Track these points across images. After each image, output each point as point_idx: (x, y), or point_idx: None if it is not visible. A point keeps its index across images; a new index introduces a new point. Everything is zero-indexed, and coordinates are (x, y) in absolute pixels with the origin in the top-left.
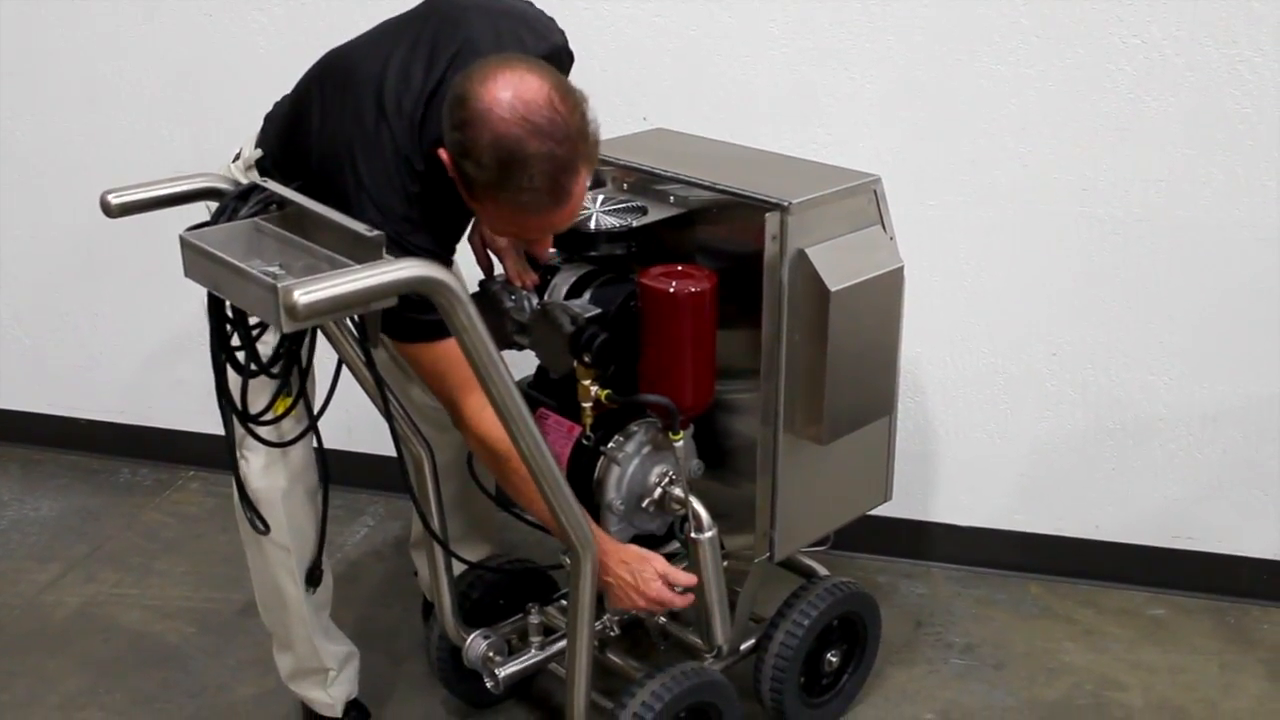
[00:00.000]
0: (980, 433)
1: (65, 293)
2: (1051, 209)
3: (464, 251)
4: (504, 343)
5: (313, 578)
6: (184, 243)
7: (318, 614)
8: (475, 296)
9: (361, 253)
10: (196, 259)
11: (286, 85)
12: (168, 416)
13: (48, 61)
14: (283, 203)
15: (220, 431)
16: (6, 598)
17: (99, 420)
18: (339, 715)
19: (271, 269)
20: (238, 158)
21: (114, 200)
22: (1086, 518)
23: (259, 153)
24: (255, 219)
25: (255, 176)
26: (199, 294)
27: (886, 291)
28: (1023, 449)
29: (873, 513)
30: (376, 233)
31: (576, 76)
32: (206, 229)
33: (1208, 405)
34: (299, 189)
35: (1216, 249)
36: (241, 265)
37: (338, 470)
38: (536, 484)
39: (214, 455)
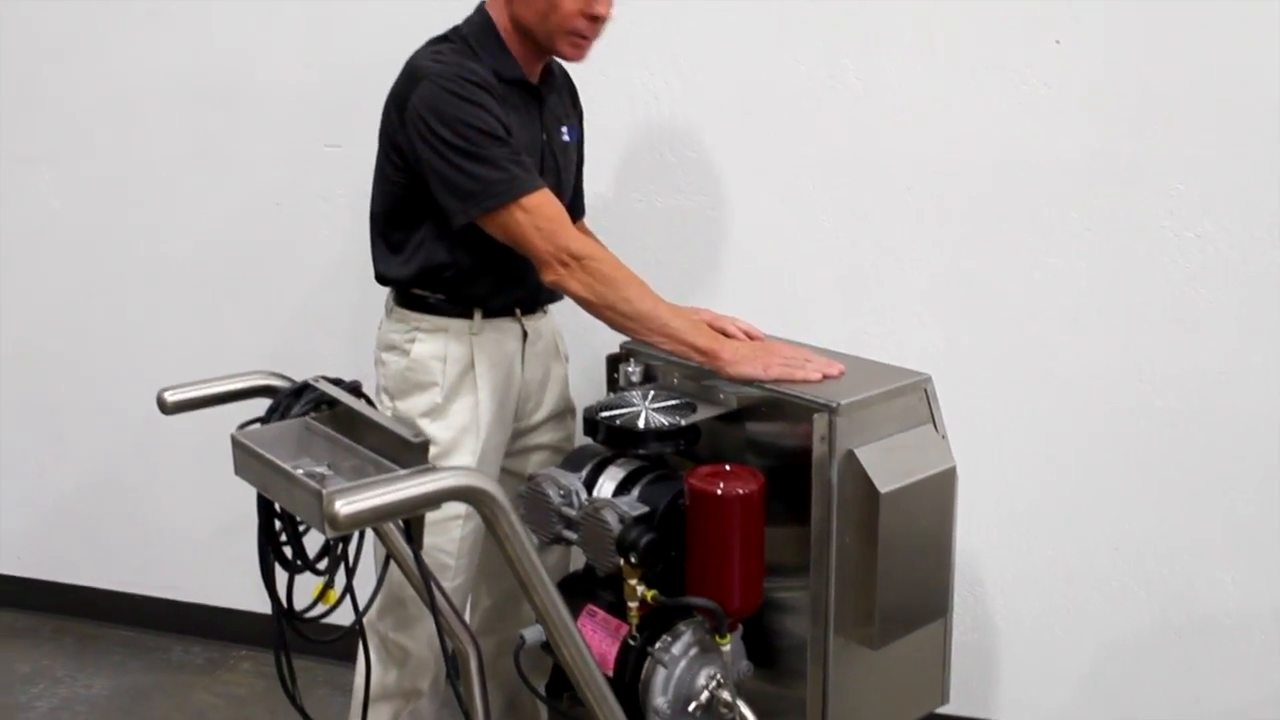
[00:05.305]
0: (1041, 627)
1: (125, 468)
2: (1106, 401)
3: None
4: (551, 538)
5: None
6: (235, 442)
7: None
8: (524, 493)
9: (407, 457)
10: (246, 459)
11: (351, 272)
12: (221, 595)
13: (114, 241)
14: (333, 402)
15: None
16: None
17: (154, 596)
18: None
19: (319, 469)
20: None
21: (170, 398)
22: (1154, 719)
23: None
24: (306, 418)
25: None
26: None
27: (939, 492)
28: (1087, 646)
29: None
30: (421, 437)
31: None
32: (259, 428)
33: (1278, 602)
34: None
35: (1277, 441)
36: (288, 469)
37: None
38: (577, 688)
39: (267, 635)
